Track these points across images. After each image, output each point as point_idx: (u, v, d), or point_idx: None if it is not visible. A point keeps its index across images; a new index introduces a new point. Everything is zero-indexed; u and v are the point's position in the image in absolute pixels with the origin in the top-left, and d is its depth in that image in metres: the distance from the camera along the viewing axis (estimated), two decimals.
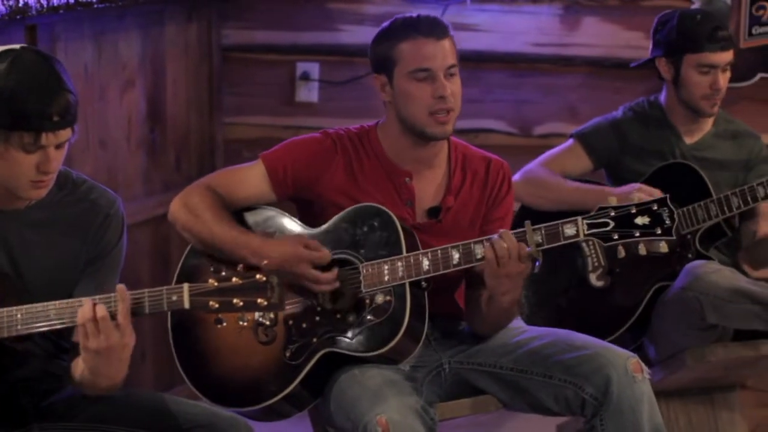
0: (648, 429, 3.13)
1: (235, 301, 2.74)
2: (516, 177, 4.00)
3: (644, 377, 3.16)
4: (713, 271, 3.78)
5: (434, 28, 3.28)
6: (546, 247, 3.10)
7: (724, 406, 4.05)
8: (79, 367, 2.87)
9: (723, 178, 4.02)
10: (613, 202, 3.06)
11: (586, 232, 3.07)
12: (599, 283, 3.93)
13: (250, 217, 3.36)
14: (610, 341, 3.64)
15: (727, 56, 3.97)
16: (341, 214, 3.27)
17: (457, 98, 3.27)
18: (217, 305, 2.74)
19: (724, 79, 3.98)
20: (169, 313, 3.31)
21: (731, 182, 4.00)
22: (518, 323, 3.44)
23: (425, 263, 3.17)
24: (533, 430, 4.15)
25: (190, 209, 3.30)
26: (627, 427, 3.12)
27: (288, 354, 3.20)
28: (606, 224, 3.06)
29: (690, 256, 3.90)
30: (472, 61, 4.68)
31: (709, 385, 4.05)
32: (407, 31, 3.27)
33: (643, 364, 3.18)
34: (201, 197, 3.31)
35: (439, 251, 3.18)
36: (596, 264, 3.92)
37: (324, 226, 3.29)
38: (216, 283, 2.74)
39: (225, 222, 3.26)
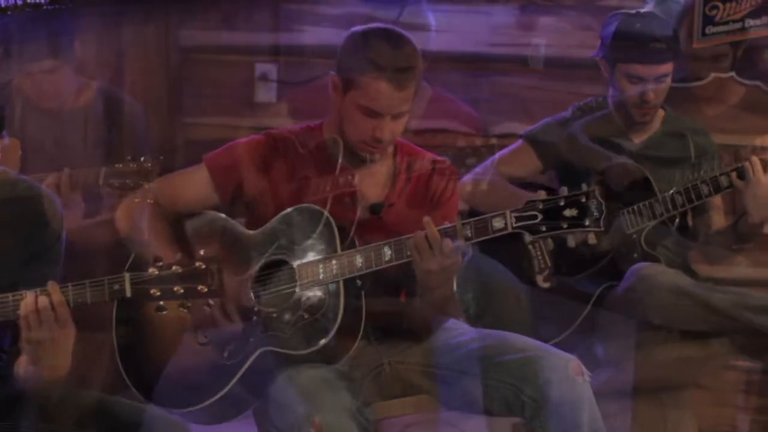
0: (588, 431, 3.14)
1: (176, 288, 2.81)
2: (466, 179, 4.01)
3: (585, 379, 3.16)
4: (657, 273, 3.78)
5: (401, 78, 3.23)
6: (475, 240, 3.11)
7: (673, 404, 4.05)
8: (23, 362, 2.89)
9: (673, 175, 4.01)
10: (542, 195, 3.07)
11: (514, 225, 3.08)
12: (546, 285, 3.94)
13: (195, 221, 3.37)
14: (558, 342, 3.68)
15: (657, 70, 3.91)
16: (279, 215, 3.29)
17: (395, 136, 3.29)
18: (158, 293, 2.81)
19: (656, 91, 3.93)
20: (114, 318, 3.34)
21: (681, 179, 3.99)
22: (460, 324, 3.46)
23: (359, 261, 3.19)
24: (488, 429, 4.15)
25: (130, 223, 3.36)
26: (567, 429, 3.13)
27: (226, 354, 3.22)
28: (534, 217, 3.07)
29: (636, 255, 3.90)
30: (427, 62, 4.67)
31: (660, 385, 4.05)
32: (378, 64, 3.22)
33: (583, 367, 3.18)
34: (141, 211, 3.35)
35: (372, 249, 3.19)
36: (542, 266, 3.93)
37: (262, 228, 3.30)
38: (157, 272, 2.81)
39: (162, 241, 3.29)
